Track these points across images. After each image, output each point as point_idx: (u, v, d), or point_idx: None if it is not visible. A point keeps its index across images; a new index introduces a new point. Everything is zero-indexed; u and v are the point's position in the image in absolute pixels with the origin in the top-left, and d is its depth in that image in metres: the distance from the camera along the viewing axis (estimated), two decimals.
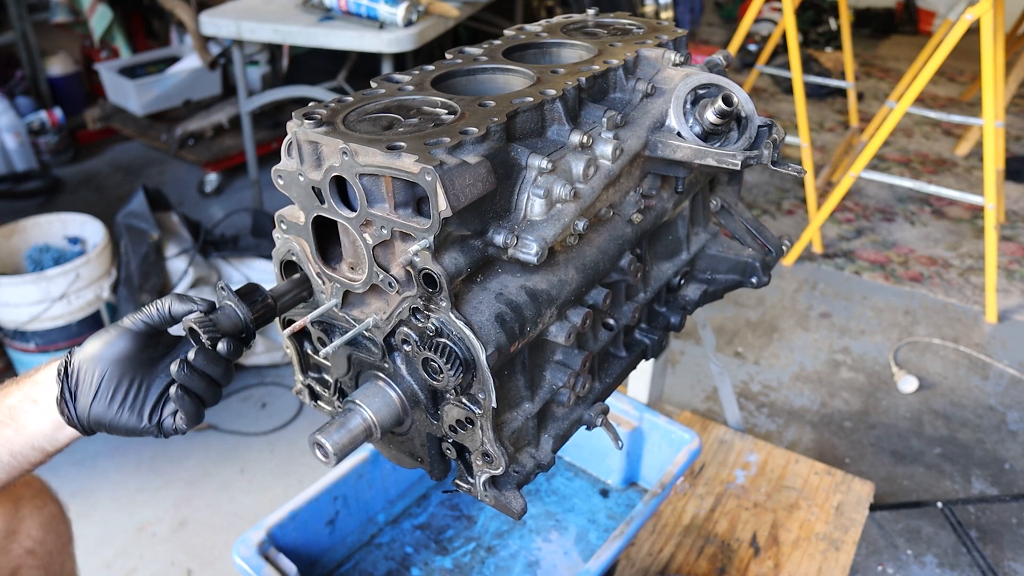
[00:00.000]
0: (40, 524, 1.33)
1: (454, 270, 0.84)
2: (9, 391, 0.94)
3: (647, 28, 1.26)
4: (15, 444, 0.93)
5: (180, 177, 4.36)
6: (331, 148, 0.85)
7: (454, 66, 1.08)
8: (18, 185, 4.01)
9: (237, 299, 0.90)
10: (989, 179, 2.97)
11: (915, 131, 4.95)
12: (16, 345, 2.54)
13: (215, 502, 2.30)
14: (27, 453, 0.94)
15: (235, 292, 0.91)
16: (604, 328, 1.12)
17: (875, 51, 6.61)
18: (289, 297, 0.97)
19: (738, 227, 1.32)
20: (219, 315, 0.89)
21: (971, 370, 2.87)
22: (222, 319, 0.89)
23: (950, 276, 3.46)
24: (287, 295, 0.97)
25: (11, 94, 4.36)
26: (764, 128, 1.05)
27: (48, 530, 1.34)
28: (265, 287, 0.96)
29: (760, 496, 1.94)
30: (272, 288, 0.96)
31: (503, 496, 0.99)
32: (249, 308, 0.90)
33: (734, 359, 2.93)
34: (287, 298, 0.96)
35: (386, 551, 1.72)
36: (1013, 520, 2.24)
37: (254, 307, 0.91)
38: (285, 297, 0.96)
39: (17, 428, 0.92)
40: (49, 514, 1.36)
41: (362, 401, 0.95)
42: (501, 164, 0.87)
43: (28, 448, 0.94)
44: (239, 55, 3.16)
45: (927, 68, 2.90)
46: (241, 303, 0.90)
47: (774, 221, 3.92)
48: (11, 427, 0.92)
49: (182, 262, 2.65)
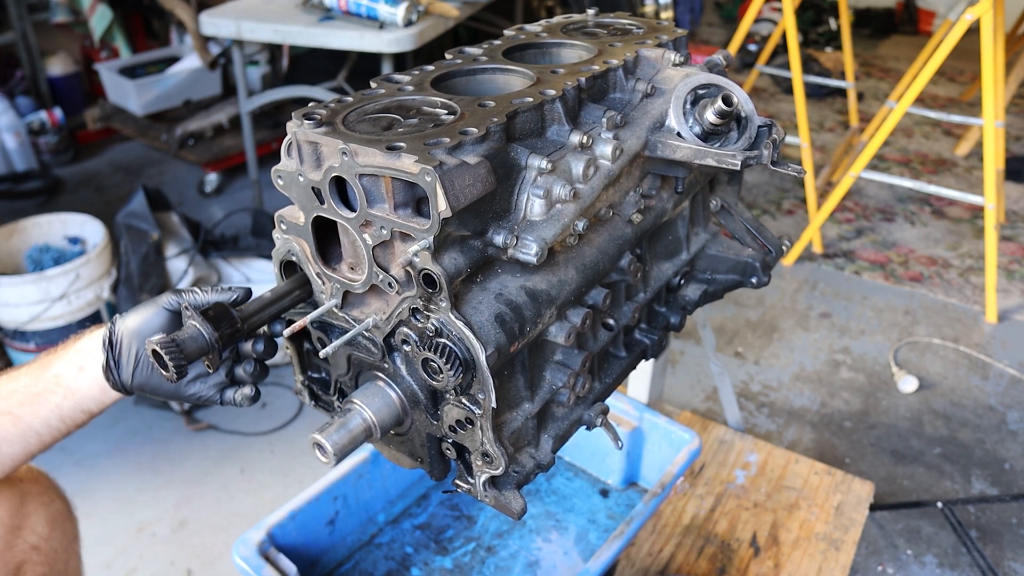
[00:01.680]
0: (46, 520, 1.33)
1: (454, 270, 0.84)
2: (51, 361, 1.03)
3: (647, 28, 1.26)
4: (64, 408, 1.02)
5: (180, 177, 4.36)
6: (331, 148, 0.85)
7: (454, 66, 1.08)
8: (18, 185, 4.01)
9: (202, 320, 0.88)
10: (989, 179, 2.97)
11: (915, 131, 4.95)
12: (16, 345, 2.54)
13: (215, 502, 2.30)
14: (75, 416, 1.04)
15: (202, 313, 0.89)
16: (604, 328, 1.12)
17: (875, 51, 6.60)
18: (259, 317, 0.95)
19: (738, 227, 1.32)
20: (185, 338, 0.87)
21: (971, 370, 2.87)
22: (188, 343, 0.87)
23: (950, 276, 3.46)
24: (257, 315, 0.95)
25: (11, 94, 4.36)
26: (764, 128, 1.05)
27: (54, 527, 1.34)
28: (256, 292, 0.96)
29: (760, 496, 1.94)
30: (243, 306, 0.94)
31: (503, 496, 0.99)
32: (215, 329, 0.89)
33: (734, 359, 2.93)
34: (257, 318, 0.95)
35: (386, 551, 1.72)
36: (1013, 520, 2.24)
37: (221, 329, 0.89)
38: (255, 317, 0.94)
39: (65, 393, 1.01)
40: (56, 511, 1.36)
41: (362, 401, 0.95)
42: (501, 164, 0.87)
43: (76, 411, 1.03)
44: (239, 55, 3.16)
45: (927, 68, 2.90)
46: (207, 324, 0.88)
47: (774, 221, 3.92)
48: (59, 393, 1.01)
49: (182, 262, 2.65)
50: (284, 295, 0.97)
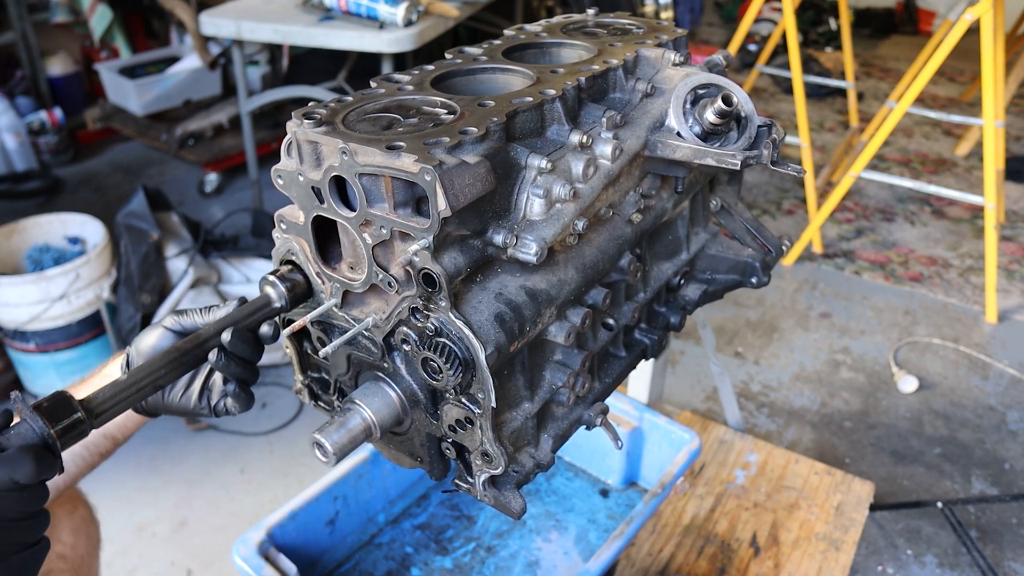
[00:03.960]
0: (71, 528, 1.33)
1: (453, 270, 0.84)
2: (79, 389, 1.01)
3: (647, 28, 1.26)
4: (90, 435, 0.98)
5: (180, 177, 4.36)
6: (331, 148, 0.85)
7: (454, 66, 1.08)
8: (18, 185, 4.01)
9: (32, 413, 0.74)
10: (989, 179, 2.97)
11: (915, 131, 4.95)
12: (16, 345, 2.54)
13: (215, 502, 2.30)
14: (100, 443, 1.04)
15: (35, 406, 0.75)
16: (604, 328, 1.12)
17: (875, 51, 6.60)
18: (111, 404, 0.81)
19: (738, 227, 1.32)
20: (10, 433, 0.74)
21: (971, 370, 2.87)
22: (13, 438, 0.73)
23: (950, 276, 3.46)
24: (108, 403, 0.81)
25: (11, 94, 4.36)
26: (764, 128, 1.05)
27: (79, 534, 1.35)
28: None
29: (760, 496, 1.94)
30: (90, 395, 0.81)
31: (503, 496, 0.99)
32: (50, 423, 0.74)
33: (734, 359, 2.93)
34: (108, 407, 0.81)
35: (386, 551, 1.72)
36: (1013, 520, 2.24)
37: (57, 422, 0.75)
38: (105, 405, 0.80)
39: None
40: (80, 518, 1.37)
41: (362, 401, 0.95)
42: (501, 164, 0.87)
43: (101, 438, 1.04)
44: (239, 55, 3.16)
45: (927, 68, 2.90)
46: (37, 418, 0.74)
47: (774, 221, 3.92)
48: None
49: (182, 262, 2.65)
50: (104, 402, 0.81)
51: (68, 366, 2.58)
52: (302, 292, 0.96)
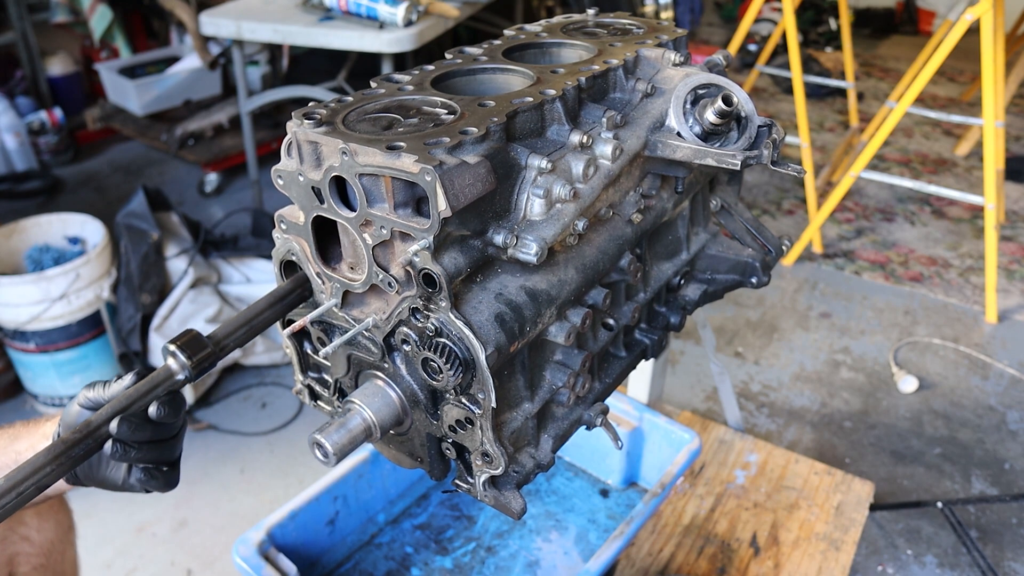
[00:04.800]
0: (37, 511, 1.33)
1: (454, 270, 0.84)
2: (17, 434, 1.01)
3: (647, 28, 1.26)
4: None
5: (180, 177, 4.36)
6: (331, 148, 0.85)
7: (454, 66, 1.08)
8: (18, 185, 4.01)
9: None
10: (989, 179, 2.97)
11: (915, 131, 4.95)
12: (16, 345, 2.54)
13: (215, 502, 2.30)
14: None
15: None
16: (604, 328, 1.12)
17: (875, 51, 6.60)
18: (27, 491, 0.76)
19: (738, 227, 1.32)
20: None
21: (971, 370, 2.87)
22: None
23: (950, 276, 3.46)
24: (17, 487, 0.76)
25: (11, 94, 4.36)
26: (764, 128, 1.05)
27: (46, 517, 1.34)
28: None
29: (760, 496, 1.94)
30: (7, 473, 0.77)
31: (503, 496, 0.99)
32: None
33: (734, 359, 2.93)
34: (24, 491, 0.76)
35: (386, 551, 1.72)
36: (1013, 520, 2.24)
37: None
38: (21, 487, 0.76)
39: None
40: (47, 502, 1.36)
41: (362, 401, 0.95)
42: (501, 164, 0.87)
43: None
44: (239, 55, 3.16)
45: (927, 68, 2.90)
46: None
47: (774, 221, 3.92)
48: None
49: (182, 262, 2.65)
50: (23, 479, 0.76)
51: (68, 366, 2.58)
52: (208, 360, 0.86)
